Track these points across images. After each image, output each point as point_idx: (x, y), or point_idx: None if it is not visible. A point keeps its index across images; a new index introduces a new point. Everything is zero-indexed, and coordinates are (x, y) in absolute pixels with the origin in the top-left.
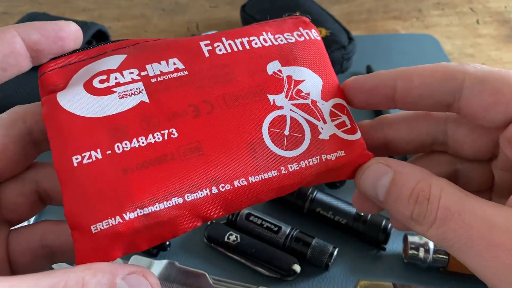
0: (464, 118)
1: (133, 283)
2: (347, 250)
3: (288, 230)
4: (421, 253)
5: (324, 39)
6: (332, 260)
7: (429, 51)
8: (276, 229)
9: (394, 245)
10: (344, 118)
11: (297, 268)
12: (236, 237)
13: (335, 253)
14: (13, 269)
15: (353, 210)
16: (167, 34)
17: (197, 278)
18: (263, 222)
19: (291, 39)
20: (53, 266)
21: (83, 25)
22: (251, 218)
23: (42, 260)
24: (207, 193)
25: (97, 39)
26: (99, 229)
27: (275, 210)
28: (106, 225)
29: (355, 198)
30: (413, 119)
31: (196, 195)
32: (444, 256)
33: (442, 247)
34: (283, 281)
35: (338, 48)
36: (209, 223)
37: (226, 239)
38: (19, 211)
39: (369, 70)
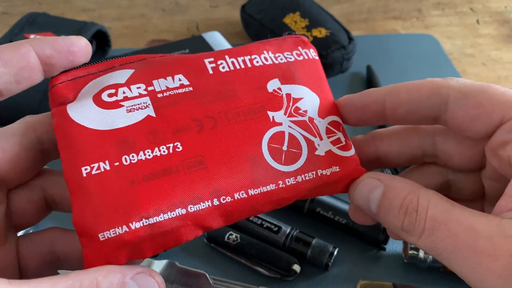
0: (451, 131)
1: (141, 282)
2: (347, 250)
3: (288, 230)
4: (421, 253)
5: (324, 39)
6: (332, 260)
7: (429, 51)
8: (276, 229)
9: (394, 245)
10: (340, 135)
11: (297, 268)
12: (236, 237)
13: (335, 253)
14: (22, 274)
15: None
16: (167, 34)
17: (197, 278)
18: (263, 222)
19: (290, 58)
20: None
21: (83, 25)
22: (251, 218)
23: (49, 266)
24: (208, 205)
25: (97, 39)
26: (106, 237)
27: (275, 210)
28: (113, 233)
29: (351, 210)
30: (403, 133)
31: (199, 207)
32: None
33: (433, 256)
34: (283, 281)
35: (338, 48)
36: None
37: (226, 239)
38: (27, 217)
39: (369, 70)
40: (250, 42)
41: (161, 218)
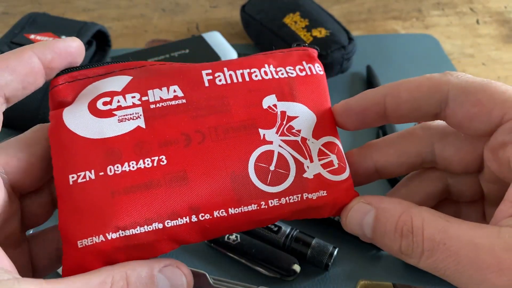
0: (449, 137)
1: (169, 275)
2: (347, 250)
3: (288, 230)
4: None
5: (324, 39)
6: (332, 260)
7: (429, 51)
8: (276, 229)
9: None
10: (333, 157)
11: (297, 268)
12: (236, 237)
13: (335, 253)
14: (34, 272)
15: None
16: (167, 34)
17: (197, 278)
18: None
19: (292, 74)
20: (58, 270)
21: (83, 25)
22: None
23: (56, 263)
24: (186, 221)
25: (97, 39)
26: (84, 245)
27: None
28: (90, 242)
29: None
30: (400, 142)
31: (176, 222)
32: None
33: (436, 275)
34: (283, 281)
35: (338, 48)
36: None
37: (226, 239)
38: (36, 219)
39: (369, 70)
40: (250, 42)
41: (137, 231)
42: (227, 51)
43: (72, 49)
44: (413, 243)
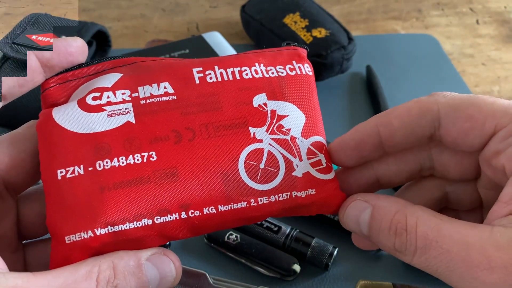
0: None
1: (157, 262)
2: (347, 250)
3: (288, 230)
4: None
5: (324, 39)
6: (332, 260)
7: (429, 51)
8: (276, 229)
9: None
10: (321, 156)
11: (297, 268)
12: (236, 237)
13: (335, 253)
14: None
15: None
16: (167, 34)
17: (197, 278)
18: (263, 222)
19: (282, 73)
20: None
21: (83, 25)
22: None
23: None
24: (176, 217)
25: (97, 39)
26: (72, 240)
27: None
28: (79, 237)
29: (354, 238)
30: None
31: (166, 219)
32: None
33: (429, 273)
34: (283, 281)
35: (338, 48)
36: None
37: (226, 239)
38: (36, 230)
39: (369, 70)
40: (250, 42)
41: (126, 226)
42: (227, 51)
43: (73, 48)
44: (406, 240)
